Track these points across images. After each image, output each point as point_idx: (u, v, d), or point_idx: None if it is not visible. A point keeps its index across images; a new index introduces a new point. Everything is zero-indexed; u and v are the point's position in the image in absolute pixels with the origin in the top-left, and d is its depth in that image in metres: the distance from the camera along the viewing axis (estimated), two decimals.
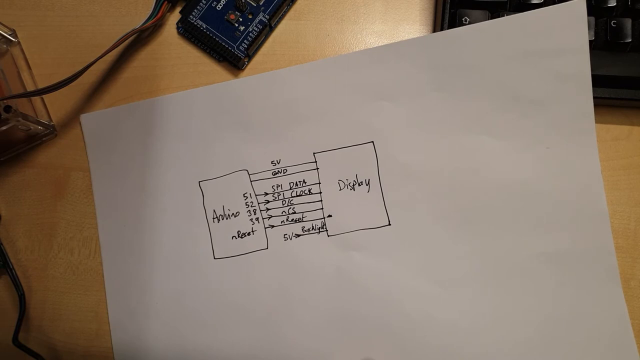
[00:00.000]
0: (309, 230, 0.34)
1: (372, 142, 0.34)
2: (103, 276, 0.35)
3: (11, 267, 0.34)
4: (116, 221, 0.35)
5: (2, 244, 0.35)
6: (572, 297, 0.32)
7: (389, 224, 0.33)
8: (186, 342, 0.34)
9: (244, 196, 0.34)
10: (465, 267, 0.33)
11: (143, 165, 0.35)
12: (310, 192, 0.34)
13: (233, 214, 0.34)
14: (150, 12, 0.35)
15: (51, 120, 0.36)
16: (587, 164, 0.32)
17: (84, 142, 0.36)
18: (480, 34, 0.33)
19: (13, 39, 0.36)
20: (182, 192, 0.35)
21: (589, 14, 0.33)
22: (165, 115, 0.35)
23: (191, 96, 0.35)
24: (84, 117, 0.36)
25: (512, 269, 0.32)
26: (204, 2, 0.35)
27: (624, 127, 0.34)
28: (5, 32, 0.36)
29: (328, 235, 0.34)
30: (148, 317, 0.34)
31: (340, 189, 0.34)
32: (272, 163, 0.34)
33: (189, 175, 0.35)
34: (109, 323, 0.34)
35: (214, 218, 0.34)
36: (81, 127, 0.36)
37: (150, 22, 0.35)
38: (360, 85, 0.34)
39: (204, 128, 0.35)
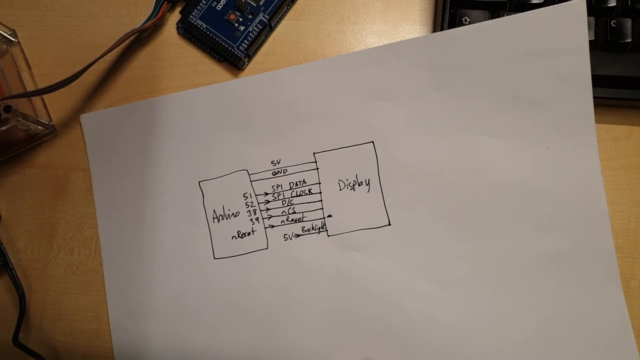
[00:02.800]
0: (309, 230, 0.34)
1: (372, 142, 0.34)
2: (103, 276, 0.35)
3: (11, 267, 0.34)
4: (116, 221, 0.35)
5: (2, 244, 0.35)
6: (572, 297, 0.32)
7: (389, 224, 0.33)
8: (186, 342, 0.34)
9: (244, 196, 0.34)
10: (466, 267, 0.33)
11: (143, 165, 0.35)
12: (310, 192, 0.34)
13: (233, 214, 0.34)
14: (150, 12, 0.35)
15: (51, 120, 0.36)
16: (587, 164, 0.32)
17: (84, 142, 0.36)
18: (481, 34, 0.33)
19: (13, 39, 0.36)
20: (182, 192, 0.35)
21: (589, 14, 0.33)
22: (165, 115, 0.35)
23: (191, 96, 0.35)
24: (84, 117, 0.36)
25: (512, 269, 0.32)
26: (204, 2, 0.35)
27: (624, 127, 0.34)
28: (5, 32, 0.36)
29: (328, 235, 0.34)
30: (148, 317, 0.34)
31: (340, 189, 0.34)
32: (272, 163, 0.34)
33: (189, 175, 0.35)
34: (109, 323, 0.34)
35: (214, 218, 0.34)
36: (81, 127, 0.36)
37: (150, 22, 0.35)
38: (360, 85, 0.34)
39: (204, 128, 0.35)
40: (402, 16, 0.37)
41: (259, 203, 0.34)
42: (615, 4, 0.33)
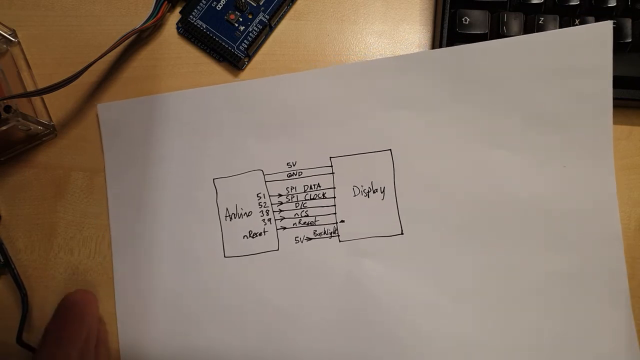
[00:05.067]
0: (320, 234, 0.34)
1: (390, 150, 0.34)
2: (112, 268, 0.35)
3: (13, 266, 0.34)
4: (128, 213, 0.35)
5: (3, 244, 0.35)
6: (580, 317, 0.32)
7: (402, 233, 0.33)
8: (192, 340, 0.34)
9: (258, 196, 0.34)
10: (475, 281, 0.32)
11: (157, 159, 0.35)
12: (324, 196, 0.34)
13: (246, 213, 0.34)
14: (150, 12, 0.35)
15: (51, 120, 0.36)
16: (603, 185, 0.32)
17: (100, 131, 0.35)
18: (505, 50, 0.32)
19: (13, 39, 0.36)
20: (196, 188, 0.35)
21: (588, 13, 0.33)
22: (183, 111, 0.35)
23: (209, 93, 0.35)
24: (101, 107, 0.35)
25: (522, 286, 0.32)
26: (204, 2, 0.35)
27: (624, 127, 0.34)
28: (5, 32, 0.36)
29: (340, 241, 0.34)
30: (155, 313, 0.34)
31: (355, 195, 0.34)
32: (287, 165, 0.34)
33: (203, 171, 0.35)
34: (116, 318, 0.34)
35: (226, 216, 0.34)
36: (97, 117, 0.36)
37: (150, 22, 0.35)
38: (381, 93, 0.34)
39: (221, 126, 0.35)
40: (402, 16, 0.37)
41: (272, 204, 0.34)
42: (615, 4, 0.33)
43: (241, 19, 0.35)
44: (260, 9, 0.35)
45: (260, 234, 0.34)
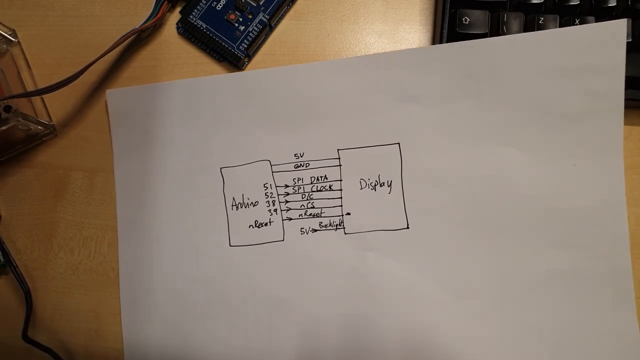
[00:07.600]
0: (326, 226, 0.34)
1: (398, 143, 0.34)
2: (117, 259, 0.35)
3: (14, 264, 0.34)
4: (134, 200, 0.35)
5: (3, 242, 0.35)
6: (586, 316, 0.31)
7: (408, 227, 0.33)
8: (196, 331, 0.34)
9: (264, 186, 0.34)
10: (480, 277, 0.32)
11: (165, 146, 0.35)
12: (330, 188, 0.34)
13: (252, 203, 0.34)
14: (150, 12, 0.35)
15: (51, 120, 0.36)
16: (611, 184, 0.32)
17: (108, 118, 0.35)
18: (517, 46, 0.32)
19: (13, 39, 0.36)
20: (203, 176, 0.35)
21: (588, 13, 0.33)
22: (191, 99, 0.35)
23: (219, 82, 0.35)
24: (110, 93, 0.35)
25: (528, 283, 0.32)
26: (204, 2, 0.35)
27: (624, 127, 0.34)
28: (5, 32, 0.36)
29: (345, 233, 0.34)
30: (159, 304, 0.34)
31: (362, 188, 0.34)
32: (295, 156, 0.34)
33: (211, 160, 0.35)
34: (117, 320, 0.34)
35: (232, 205, 0.34)
36: (106, 104, 0.35)
37: (150, 22, 0.35)
38: (391, 86, 0.34)
39: (230, 115, 0.35)
40: (402, 16, 0.37)
41: (278, 195, 0.34)
42: (615, 4, 0.33)
43: (241, 19, 0.35)
44: (260, 9, 0.35)
45: (265, 224, 0.34)
